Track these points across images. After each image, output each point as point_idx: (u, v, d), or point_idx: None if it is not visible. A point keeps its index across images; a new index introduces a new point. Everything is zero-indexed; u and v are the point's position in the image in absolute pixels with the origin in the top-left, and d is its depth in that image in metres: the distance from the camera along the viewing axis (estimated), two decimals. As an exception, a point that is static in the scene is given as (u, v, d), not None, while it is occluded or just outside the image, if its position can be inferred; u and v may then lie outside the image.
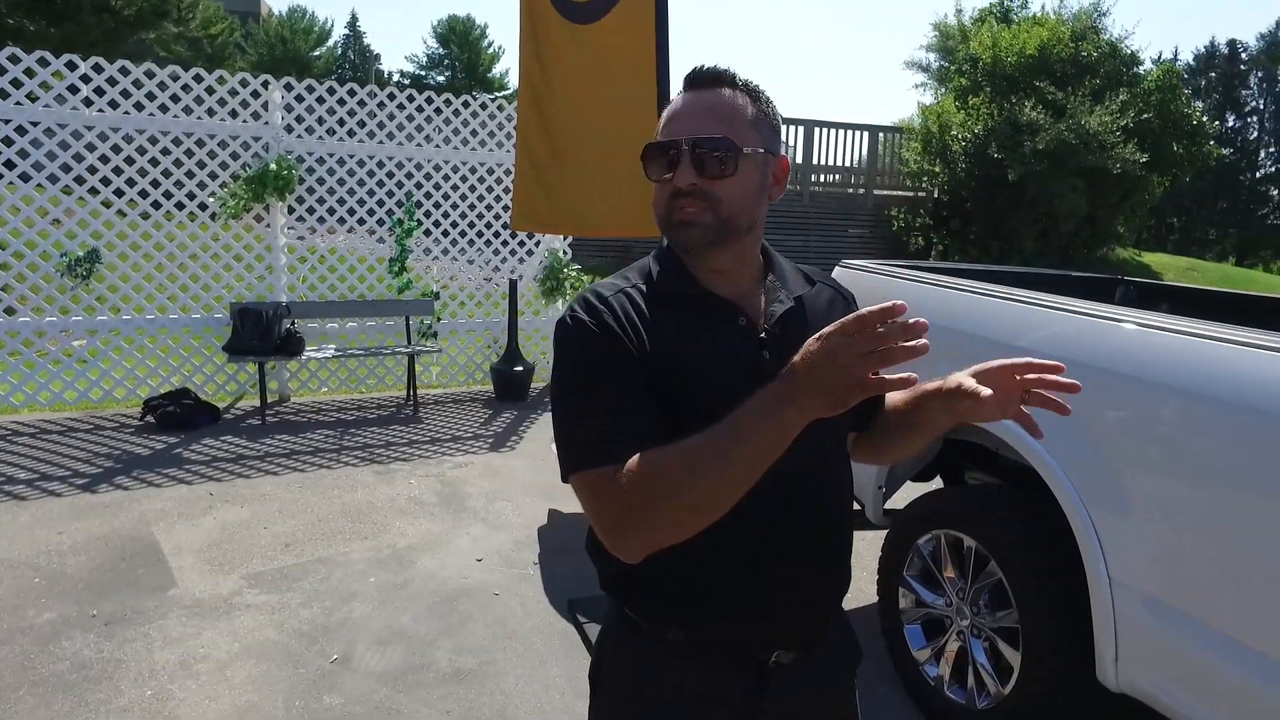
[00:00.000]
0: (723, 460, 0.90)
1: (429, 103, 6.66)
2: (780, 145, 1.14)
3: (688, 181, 1.05)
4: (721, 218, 1.06)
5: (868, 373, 0.81)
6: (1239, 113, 44.20)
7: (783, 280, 1.16)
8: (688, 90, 1.11)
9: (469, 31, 42.15)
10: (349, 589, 3.35)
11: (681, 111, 1.09)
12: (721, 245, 1.07)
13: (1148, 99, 12.81)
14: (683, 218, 1.06)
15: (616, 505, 0.96)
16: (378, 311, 6.58)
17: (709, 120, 1.06)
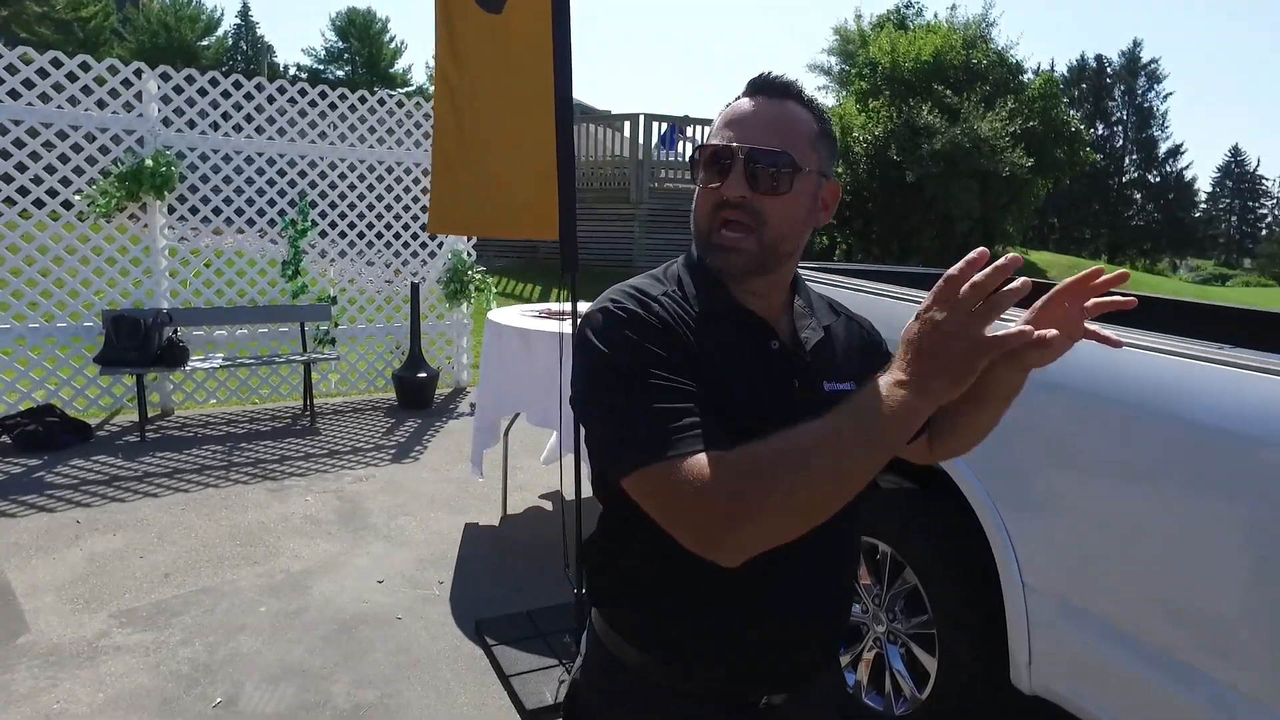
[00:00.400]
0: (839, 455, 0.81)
1: (323, 97, 6.31)
2: (833, 169, 1.08)
3: (737, 193, 0.97)
4: (765, 242, 0.99)
5: (980, 332, 0.75)
6: (1106, 122, 47.52)
7: (810, 306, 1.12)
8: (751, 96, 1.03)
9: (370, 25, 40.75)
10: (236, 621, 3.09)
11: (742, 117, 1.01)
12: (762, 272, 1.02)
13: (1032, 106, 13.52)
14: (724, 242, 0.99)
15: (717, 497, 0.83)
16: (270, 317, 6.19)
17: (770, 131, 0.98)
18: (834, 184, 1.06)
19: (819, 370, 1.05)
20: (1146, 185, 48.62)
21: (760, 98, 1.01)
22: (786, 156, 0.96)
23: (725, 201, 0.98)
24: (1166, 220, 47.45)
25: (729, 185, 0.97)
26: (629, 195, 12.89)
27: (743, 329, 1.03)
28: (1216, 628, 1.60)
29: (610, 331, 0.94)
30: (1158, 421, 1.71)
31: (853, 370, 1.08)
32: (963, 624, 2.13)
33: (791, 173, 0.97)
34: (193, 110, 5.79)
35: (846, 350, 1.12)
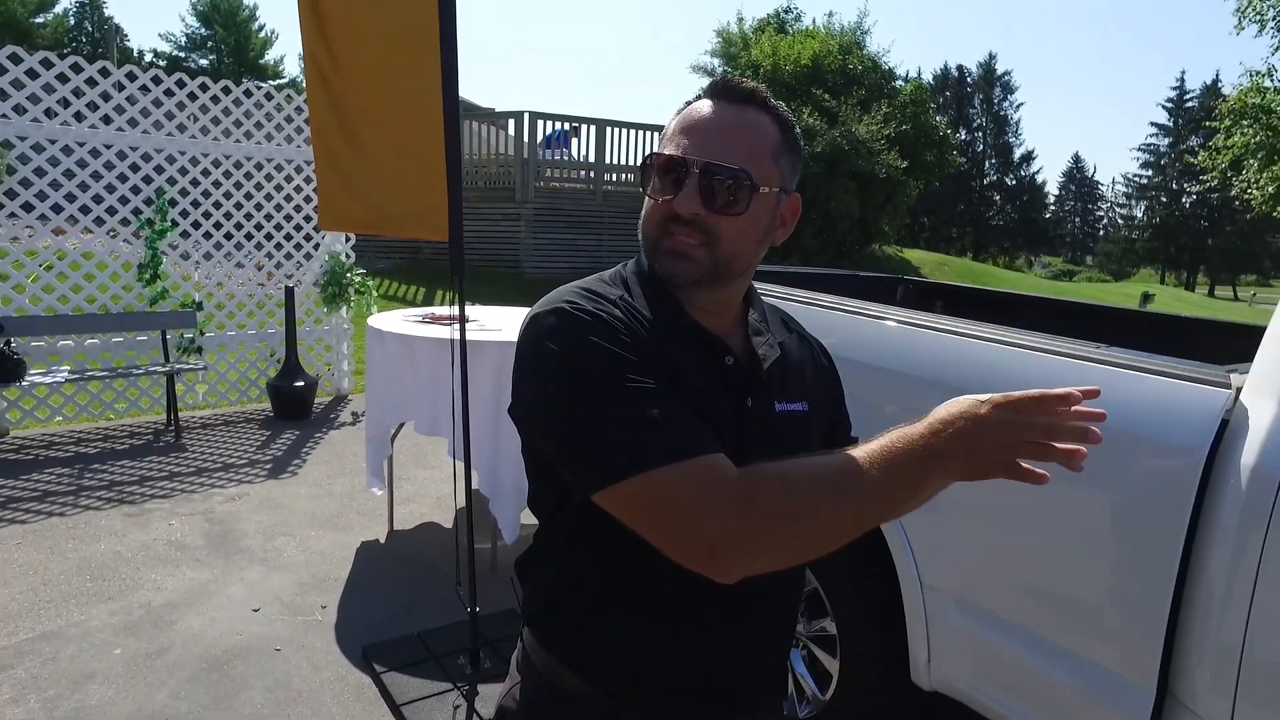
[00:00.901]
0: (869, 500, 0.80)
1: (181, 86, 5.81)
2: (796, 182, 1.01)
3: (690, 210, 0.90)
4: (718, 258, 0.93)
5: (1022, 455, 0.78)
6: (968, 128, 50.86)
7: (765, 321, 1.07)
8: (711, 100, 0.94)
9: (236, 12, 38.42)
10: (84, 668, 2.76)
11: (700, 124, 0.92)
12: (712, 286, 0.95)
13: (904, 111, 14.21)
14: (675, 247, 0.92)
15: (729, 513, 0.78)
16: (125, 325, 5.66)
17: (729, 144, 0.91)
18: (795, 198, 1.00)
19: (773, 389, 1.00)
20: (1004, 188, 52.37)
21: (721, 103, 0.94)
22: (745, 174, 0.89)
23: (676, 217, 0.91)
24: (1022, 220, 51.27)
25: (682, 201, 0.90)
26: (514, 194, 12.66)
27: (697, 343, 0.96)
28: (1087, 612, 1.67)
29: (571, 335, 0.87)
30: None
31: (806, 391, 1.05)
32: (863, 625, 2.15)
33: (750, 191, 0.90)
34: (20, 94, 5.19)
35: (800, 369, 1.07)
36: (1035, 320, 3.32)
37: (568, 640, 1.00)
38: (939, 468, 0.79)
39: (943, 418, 0.80)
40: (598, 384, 0.84)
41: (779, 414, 1.00)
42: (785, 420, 1.00)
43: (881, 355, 2.14)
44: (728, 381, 0.96)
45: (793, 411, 1.01)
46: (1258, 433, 1.43)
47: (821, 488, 0.80)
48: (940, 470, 0.79)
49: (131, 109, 5.66)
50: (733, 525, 0.78)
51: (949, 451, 0.78)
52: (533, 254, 12.78)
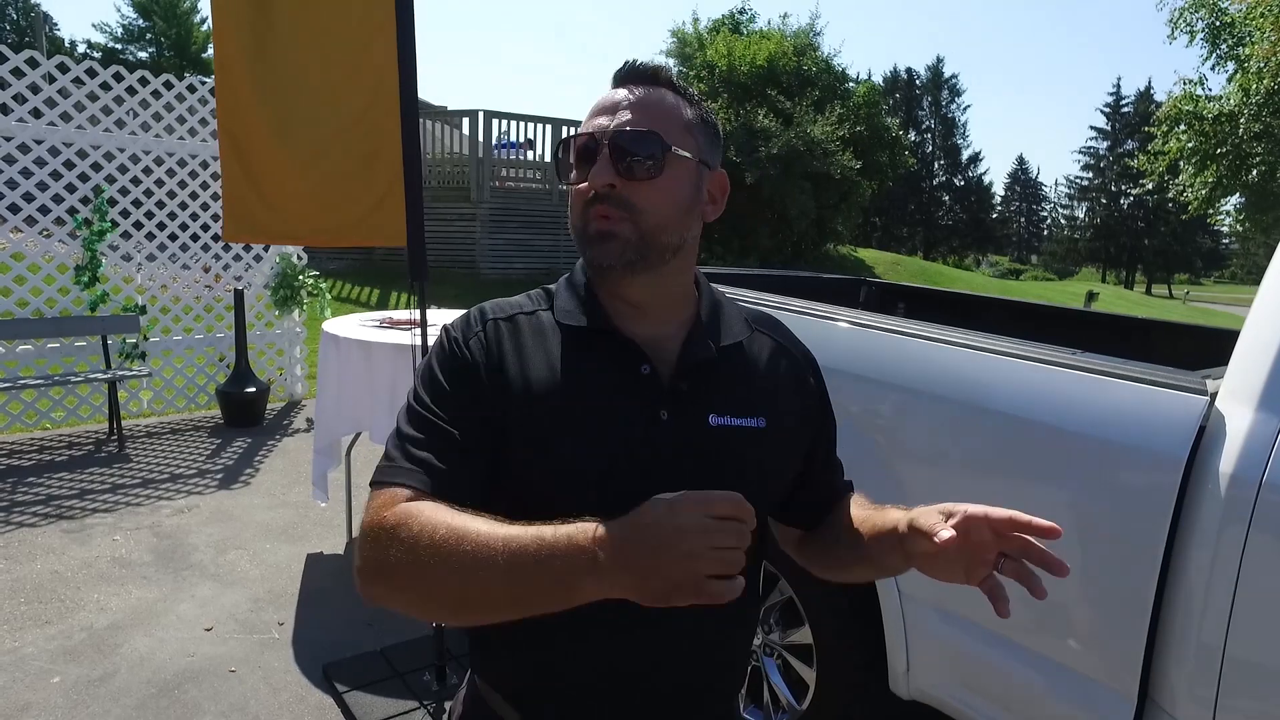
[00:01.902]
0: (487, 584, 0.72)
1: (118, 80, 5.57)
2: (719, 160, 0.98)
3: (604, 182, 0.86)
4: (643, 230, 0.88)
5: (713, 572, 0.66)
6: (917, 130, 51.91)
7: (713, 324, 0.97)
8: (618, 84, 0.94)
9: (176, 4, 37.12)
10: (17, 700, 2.60)
11: (607, 105, 0.91)
12: (641, 267, 0.89)
13: (857, 112, 14.39)
14: (600, 229, 0.88)
15: (368, 544, 0.80)
16: (62, 330, 5.39)
17: (636, 114, 0.89)
18: (720, 174, 0.97)
19: (702, 401, 0.90)
20: (953, 188, 53.58)
21: (625, 85, 0.93)
22: (654, 136, 0.87)
23: (595, 195, 0.88)
24: (970, 220, 52.52)
25: (595, 174, 0.87)
26: (469, 194, 12.47)
27: (610, 351, 0.91)
28: (1067, 620, 1.67)
29: (431, 358, 0.94)
30: (1010, 426, 1.76)
31: (766, 405, 0.94)
32: (840, 634, 2.13)
33: (662, 153, 0.87)
34: (-53, 88, 4.91)
35: (758, 379, 0.97)
36: (998, 323, 3.37)
37: (488, 659, 0.97)
38: (594, 583, 0.69)
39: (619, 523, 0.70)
40: (410, 405, 0.90)
41: (714, 429, 0.90)
42: (724, 436, 0.90)
43: (856, 361, 2.12)
44: (642, 393, 0.89)
45: (738, 427, 0.91)
46: (1235, 439, 1.43)
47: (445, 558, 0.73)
48: (596, 585, 0.69)
49: (64, 103, 5.40)
50: (363, 557, 0.80)
51: (611, 564, 0.68)
52: (489, 254, 12.61)
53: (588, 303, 0.93)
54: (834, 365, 2.15)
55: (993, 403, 1.79)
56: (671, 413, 0.89)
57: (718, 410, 0.91)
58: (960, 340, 1.95)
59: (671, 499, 0.69)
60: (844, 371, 2.08)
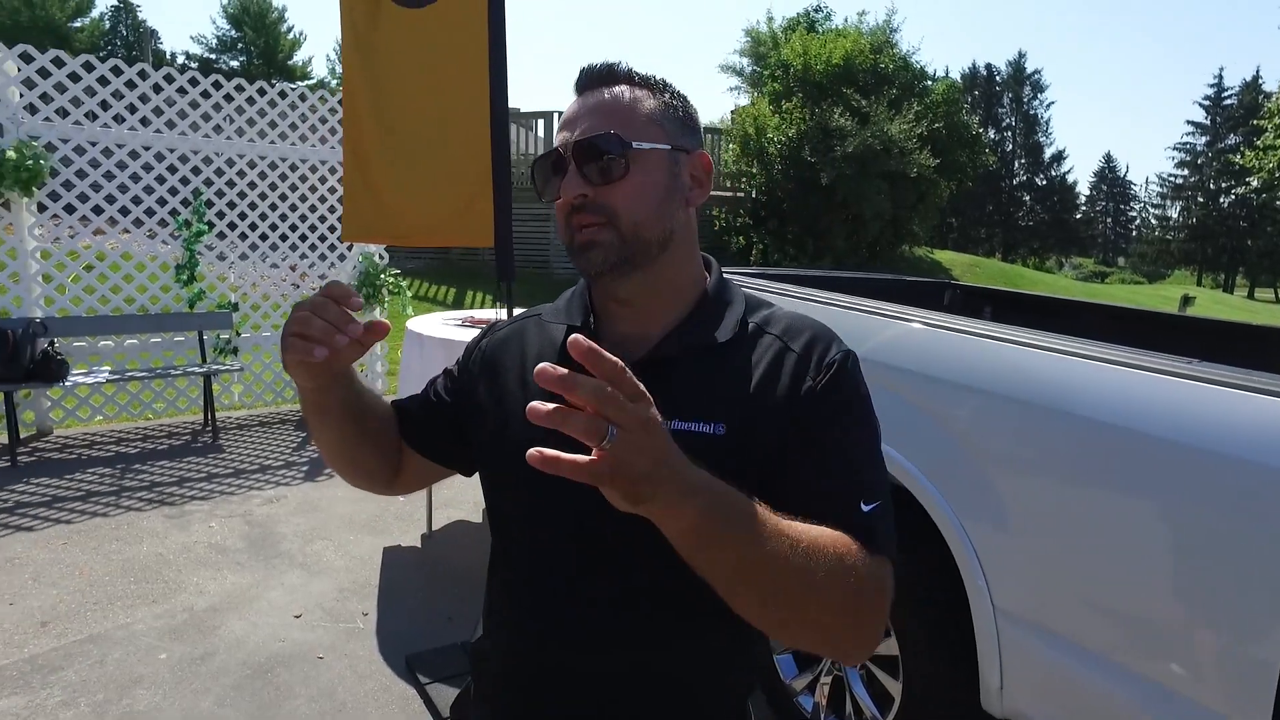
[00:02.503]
0: None
1: (217, 88, 5.84)
2: (697, 141, 0.97)
3: (575, 193, 0.88)
4: (624, 233, 0.88)
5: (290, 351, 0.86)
6: (998, 128, 50.18)
7: (700, 323, 0.93)
8: (576, 95, 0.95)
9: (265, 14, 38.83)
10: (131, 673, 2.76)
11: (567, 120, 0.93)
12: (629, 268, 0.89)
13: (936, 110, 14.00)
14: (583, 240, 0.89)
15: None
16: (164, 326, 5.70)
17: (593, 120, 0.90)
18: (700, 155, 0.95)
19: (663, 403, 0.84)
20: (1034, 188, 51.62)
21: (583, 93, 0.94)
22: (612, 137, 0.87)
23: (573, 208, 0.89)
24: (1052, 221, 50.51)
25: (566, 187, 0.89)
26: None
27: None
28: (1188, 645, 1.58)
29: None
30: (1133, 439, 1.68)
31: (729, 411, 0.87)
32: (928, 646, 2.07)
33: (623, 151, 0.87)
34: (64, 97, 5.24)
35: (731, 383, 0.89)
36: (1092, 328, 3.23)
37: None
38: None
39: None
40: None
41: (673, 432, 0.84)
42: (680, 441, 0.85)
43: (959, 371, 2.06)
44: None
45: (687, 431, 0.85)
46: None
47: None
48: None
49: (169, 111, 5.70)
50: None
51: None
52: (561, 254, 12.76)
53: (578, 302, 0.99)
54: (938, 374, 2.09)
55: (1109, 415, 1.71)
56: None
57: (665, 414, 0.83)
58: (1064, 348, 1.87)
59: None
60: (954, 382, 2.03)
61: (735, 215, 13.58)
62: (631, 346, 0.91)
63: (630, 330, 0.94)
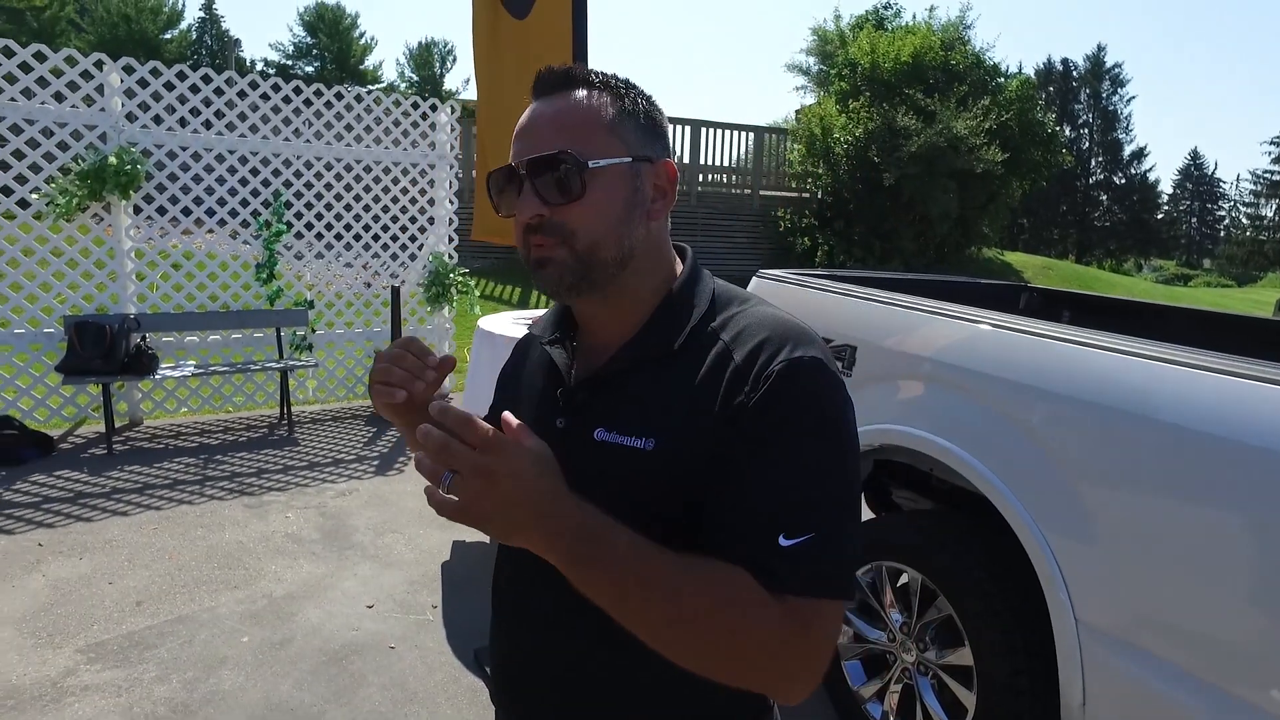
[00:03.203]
0: None
1: (297, 93, 6.06)
2: (661, 148, 0.91)
3: (531, 213, 0.85)
4: (579, 252, 0.85)
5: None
6: (1073, 125, 48.33)
7: (648, 335, 0.89)
8: (535, 100, 0.90)
9: (339, 20, 40.10)
10: (217, 653, 2.89)
11: (522, 130, 0.89)
12: (585, 288, 0.87)
13: (1008, 108, 13.58)
14: (538, 257, 0.87)
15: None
16: (245, 323, 5.94)
17: (550, 134, 0.85)
18: (664, 165, 0.90)
19: (594, 413, 0.87)
20: (1112, 187, 49.58)
21: (539, 100, 0.89)
22: (566, 156, 0.83)
23: (529, 226, 0.87)
24: (1131, 221, 48.41)
25: (521, 207, 0.86)
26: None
27: (544, 360, 0.99)
28: (1273, 662, 1.50)
29: None
30: (1227, 448, 1.61)
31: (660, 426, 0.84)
32: (1005, 658, 2.01)
33: (578, 171, 0.83)
34: (159, 105, 5.51)
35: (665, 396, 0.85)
36: (1180, 333, 3.09)
37: None
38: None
39: None
40: None
41: (598, 444, 0.86)
42: (607, 453, 0.85)
43: (1043, 377, 1.99)
44: (550, 401, 0.94)
45: (620, 445, 0.84)
46: None
47: None
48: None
49: (253, 116, 5.94)
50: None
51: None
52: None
53: (562, 314, 1.00)
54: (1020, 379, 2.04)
55: (1202, 423, 1.64)
56: (568, 423, 0.90)
57: (606, 425, 0.86)
58: (1174, 358, 1.80)
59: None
60: (1037, 389, 1.97)
61: (801, 216, 13.41)
62: (595, 359, 0.93)
63: (597, 342, 0.94)
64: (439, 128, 6.72)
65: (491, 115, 2.92)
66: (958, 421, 2.15)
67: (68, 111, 5.15)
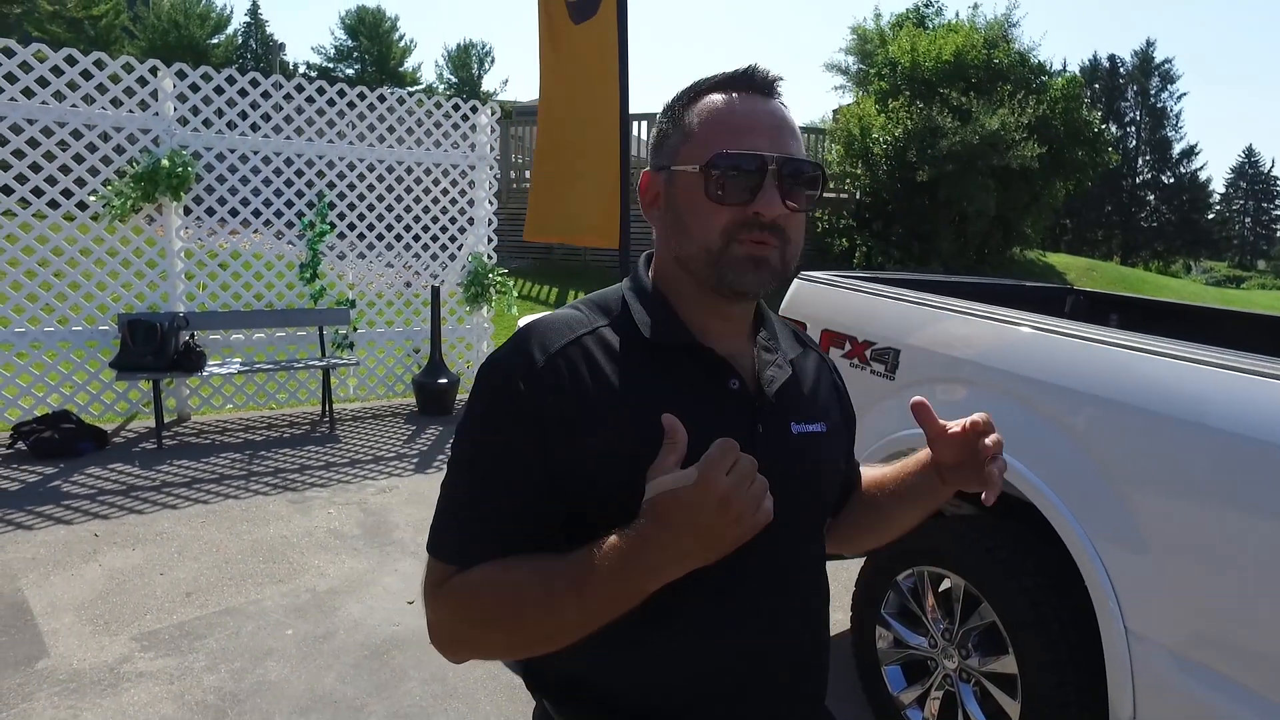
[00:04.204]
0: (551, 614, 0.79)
1: (341, 96, 6.18)
2: None
3: (777, 212, 0.84)
4: (787, 260, 0.89)
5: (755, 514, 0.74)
6: (1119, 123, 47.13)
7: (775, 338, 1.00)
8: (750, 94, 0.88)
9: (379, 24, 40.72)
10: (263, 645, 2.95)
11: (759, 122, 0.87)
12: (770, 291, 0.92)
13: (1054, 107, 13.29)
14: (753, 254, 0.86)
15: (437, 610, 0.86)
16: (289, 321, 6.06)
17: (791, 139, 0.88)
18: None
19: (785, 411, 0.94)
20: (1160, 186, 48.28)
21: (760, 98, 0.89)
22: (819, 168, 0.88)
23: (757, 222, 0.84)
24: (1180, 221, 47.08)
25: (765, 203, 0.84)
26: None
27: (697, 365, 0.90)
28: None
29: (479, 388, 0.89)
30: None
31: (823, 412, 1.01)
32: (1051, 667, 1.98)
33: (819, 187, 0.88)
34: (209, 109, 5.66)
35: (815, 387, 1.03)
36: (1234, 337, 3.00)
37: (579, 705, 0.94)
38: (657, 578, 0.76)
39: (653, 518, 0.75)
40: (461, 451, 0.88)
41: (796, 436, 0.95)
42: (803, 443, 0.96)
43: (1092, 382, 1.96)
44: (732, 406, 0.90)
45: (810, 433, 0.97)
46: None
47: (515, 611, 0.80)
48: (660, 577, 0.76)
49: (299, 118, 6.06)
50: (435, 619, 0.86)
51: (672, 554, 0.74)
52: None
53: (667, 316, 0.91)
54: (1068, 384, 2.00)
55: (1262, 431, 1.60)
56: (765, 425, 0.91)
57: (797, 419, 0.95)
58: (1228, 362, 1.75)
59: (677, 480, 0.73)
60: (1086, 394, 1.94)
61: (838, 217, 13.28)
62: (739, 364, 0.93)
63: (727, 346, 0.93)
64: (479, 129, 6.79)
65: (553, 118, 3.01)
66: (1004, 426, 2.11)
67: (124, 116, 5.31)
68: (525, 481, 0.84)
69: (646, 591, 0.77)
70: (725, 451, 0.72)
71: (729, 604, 0.88)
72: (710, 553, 0.75)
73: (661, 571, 0.75)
